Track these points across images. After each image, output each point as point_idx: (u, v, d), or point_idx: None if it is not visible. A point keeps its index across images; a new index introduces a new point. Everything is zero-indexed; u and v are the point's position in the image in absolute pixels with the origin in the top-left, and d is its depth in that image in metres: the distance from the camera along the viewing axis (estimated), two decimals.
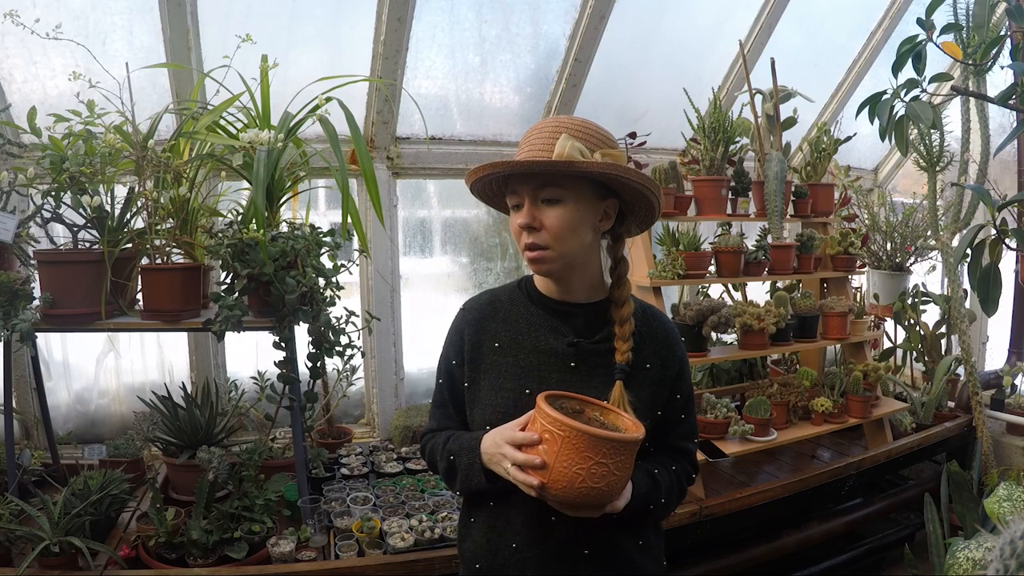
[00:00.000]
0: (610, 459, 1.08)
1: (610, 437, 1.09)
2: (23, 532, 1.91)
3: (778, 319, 2.70)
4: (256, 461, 2.23)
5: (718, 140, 2.69)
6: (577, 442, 1.07)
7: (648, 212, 1.31)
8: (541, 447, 1.10)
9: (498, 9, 2.98)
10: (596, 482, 1.08)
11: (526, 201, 1.21)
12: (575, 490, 1.08)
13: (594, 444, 1.07)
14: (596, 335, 1.29)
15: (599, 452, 1.07)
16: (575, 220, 1.21)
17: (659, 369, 1.30)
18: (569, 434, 1.07)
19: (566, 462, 1.07)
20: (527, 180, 1.21)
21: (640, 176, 1.21)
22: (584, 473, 1.07)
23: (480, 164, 1.22)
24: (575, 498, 1.10)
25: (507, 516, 1.29)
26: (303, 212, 2.70)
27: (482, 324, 1.34)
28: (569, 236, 1.21)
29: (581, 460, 1.07)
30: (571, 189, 1.21)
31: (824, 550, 2.89)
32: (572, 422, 1.08)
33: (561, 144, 1.17)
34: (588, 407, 1.24)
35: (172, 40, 2.52)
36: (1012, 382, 3.43)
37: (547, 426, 1.10)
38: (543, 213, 1.20)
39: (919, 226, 3.77)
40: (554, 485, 1.09)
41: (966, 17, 2.61)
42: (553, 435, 1.09)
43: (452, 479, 1.30)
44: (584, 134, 1.20)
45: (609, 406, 1.23)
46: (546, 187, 1.20)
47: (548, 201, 1.20)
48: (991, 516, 2.03)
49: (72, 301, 2.04)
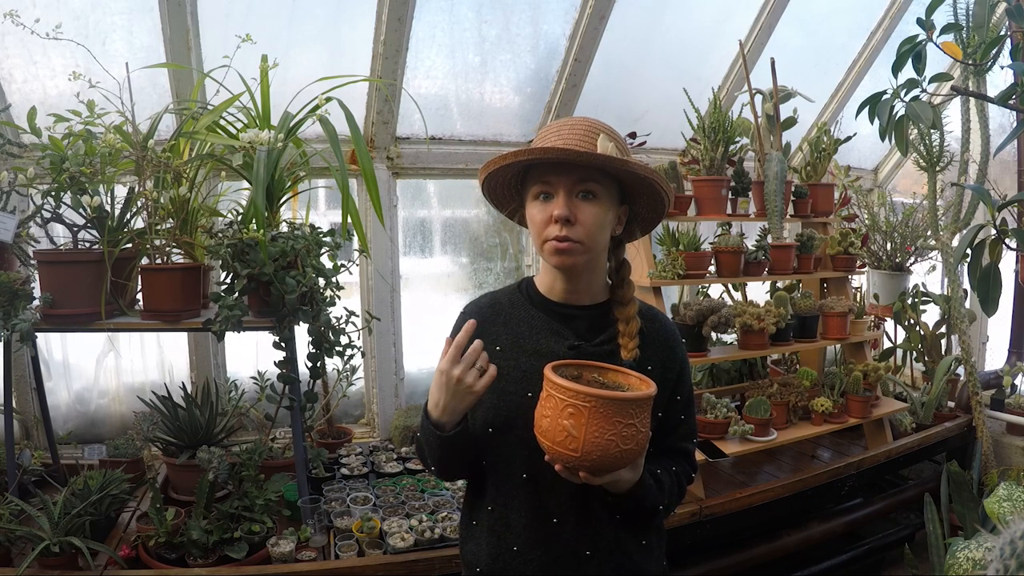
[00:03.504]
0: (636, 418, 1.09)
1: (634, 397, 1.10)
2: (23, 532, 1.91)
3: (778, 319, 2.70)
4: (256, 461, 2.22)
5: (718, 140, 2.69)
6: (605, 410, 1.07)
7: (653, 221, 1.34)
8: (567, 422, 1.09)
9: (498, 9, 2.98)
10: (627, 443, 1.09)
11: (561, 193, 1.19)
12: (610, 456, 1.09)
13: (621, 408, 1.08)
14: (597, 338, 1.29)
15: (626, 414, 1.08)
16: (606, 219, 1.23)
17: (659, 371, 1.30)
18: (596, 403, 1.07)
19: (597, 431, 1.07)
20: (567, 172, 1.19)
21: (668, 185, 1.23)
22: (616, 438, 1.08)
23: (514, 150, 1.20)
24: (610, 463, 1.10)
25: (507, 519, 1.29)
26: (303, 212, 2.70)
27: (483, 327, 1.33)
28: (599, 234, 1.22)
29: (611, 426, 1.07)
30: (605, 188, 1.21)
31: (824, 550, 2.89)
32: (596, 391, 1.08)
33: (603, 143, 1.17)
34: (585, 370, 1.24)
35: (172, 40, 2.52)
36: (1012, 382, 3.43)
37: (569, 400, 1.09)
38: (579, 207, 1.20)
39: (919, 226, 3.77)
40: (588, 456, 1.09)
41: (966, 17, 2.61)
42: (578, 408, 1.08)
43: (422, 454, 1.32)
44: (616, 139, 1.22)
45: (604, 364, 1.23)
46: (587, 181, 1.19)
47: (585, 196, 1.20)
48: (991, 516, 2.03)
49: (72, 301, 2.04)
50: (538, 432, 1.15)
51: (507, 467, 1.28)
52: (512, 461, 1.26)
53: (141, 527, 2.13)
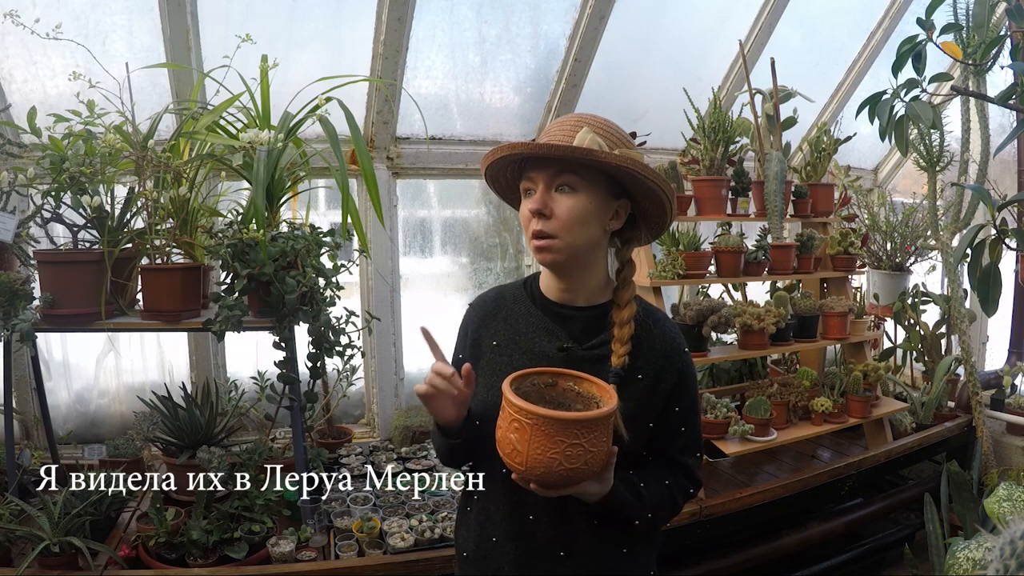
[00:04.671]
0: (583, 439, 1.05)
1: (578, 418, 1.05)
2: (23, 532, 1.91)
3: (778, 319, 2.70)
4: (256, 461, 2.22)
5: (718, 140, 2.69)
6: (546, 428, 1.04)
7: (661, 218, 1.28)
8: (512, 436, 1.07)
9: (498, 9, 2.98)
10: (573, 463, 1.05)
11: (540, 187, 1.20)
12: (554, 473, 1.06)
13: (564, 427, 1.04)
14: (590, 340, 1.27)
15: (570, 434, 1.04)
16: (586, 212, 1.20)
17: (651, 380, 1.26)
18: (536, 421, 1.04)
19: (539, 448, 1.04)
20: (544, 166, 1.20)
21: (654, 175, 1.19)
22: (560, 456, 1.04)
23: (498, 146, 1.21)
24: (556, 480, 1.08)
25: (489, 510, 1.31)
26: (303, 212, 2.70)
27: (484, 321, 1.34)
28: (578, 228, 1.20)
29: (554, 444, 1.04)
30: (587, 180, 1.20)
31: (824, 550, 2.89)
32: (537, 409, 1.04)
33: (581, 136, 1.17)
34: (561, 378, 1.21)
35: (172, 40, 2.52)
36: (1012, 382, 3.43)
37: (514, 415, 1.07)
38: (555, 201, 1.19)
39: (919, 226, 3.77)
40: (532, 471, 1.07)
41: (966, 17, 2.61)
42: (522, 423, 1.05)
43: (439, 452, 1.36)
44: (604, 131, 1.21)
45: (583, 375, 1.20)
46: (563, 173, 1.19)
47: (562, 189, 1.20)
48: (991, 516, 2.03)
49: (72, 301, 2.04)
50: (496, 442, 1.14)
51: (490, 460, 1.26)
52: (494, 455, 1.23)
53: (141, 527, 2.13)
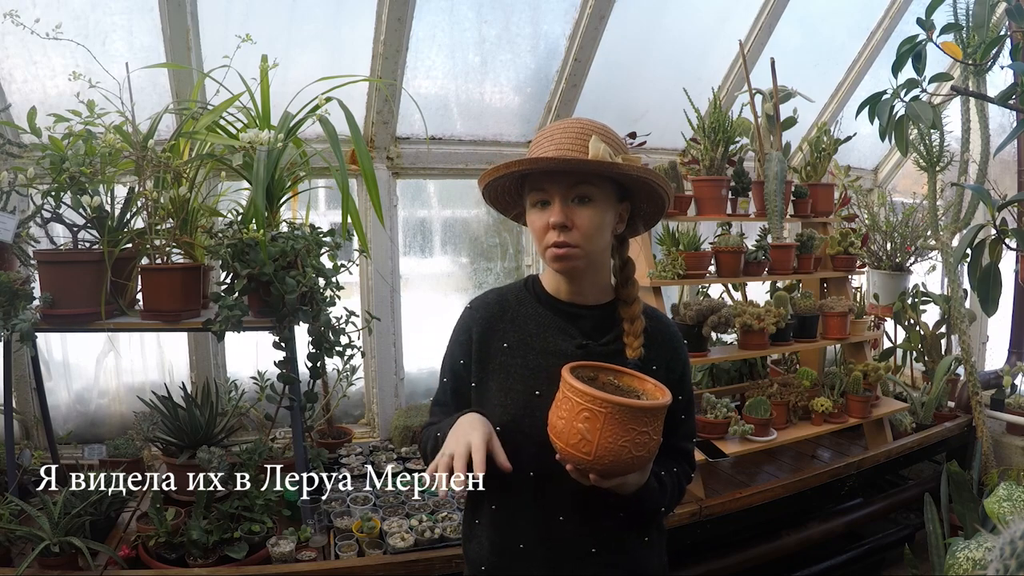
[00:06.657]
0: (650, 426, 1.11)
1: (651, 406, 1.11)
2: (23, 532, 1.91)
3: (778, 319, 2.70)
4: (256, 461, 2.22)
5: (718, 140, 2.69)
6: (620, 416, 1.08)
7: (655, 215, 1.34)
8: (581, 425, 1.10)
9: (498, 9, 2.98)
10: (639, 451, 1.10)
11: (557, 199, 1.21)
12: (622, 461, 1.10)
13: (637, 416, 1.09)
14: (604, 337, 1.30)
15: (641, 422, 1.09)
16: (603, 220, 1.23)
17: (663, 371, 1.31)
18: (612, 410, 1.08)
19: (611, 436, 1.09)
20: (560, 178, 1.20)
21: (663, 180, 1.24)
22: (630, 444, 1.09)
23: (507, 161, 1.20)
24: (621, 468, 1.11)
25: (513, 518, 1.30)
26: (303, 212, 2.70)
27: (490, 324, 1.33)
28: (597, 236, 1.23)
29: (626, 433, 1.09)
30: (601, 189, 1.22)
31: (824, 550, 2.89)
32: (615, 398, 1.09)
33: (594, 145, 1.18)
34: (601, 372, 1.25)
35: (172, 40, 2.52)
36: (1012, 382, 3.43)
37: (585, 404, 1.10)
38: (574, 212, 1.21)
39: (919, 226, 3.77)
40: (600, 460, 1.10)
41: (966, 17, 2.61)
42: (594, 412, 1.09)
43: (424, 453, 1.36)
44: (608, 138, 1.22)
45: (621, 368, 1.25)
46: (580, 185, 1.20)
47: (579, 200, 1.21)
48: (991, 516, 2.03)
49: (72, 301, 2.04)
50: (552, 432, 1.16)
51: (514, 465, 1.27)
52: (519, 459, 1.25)
53: (141, 527, 2.13)
